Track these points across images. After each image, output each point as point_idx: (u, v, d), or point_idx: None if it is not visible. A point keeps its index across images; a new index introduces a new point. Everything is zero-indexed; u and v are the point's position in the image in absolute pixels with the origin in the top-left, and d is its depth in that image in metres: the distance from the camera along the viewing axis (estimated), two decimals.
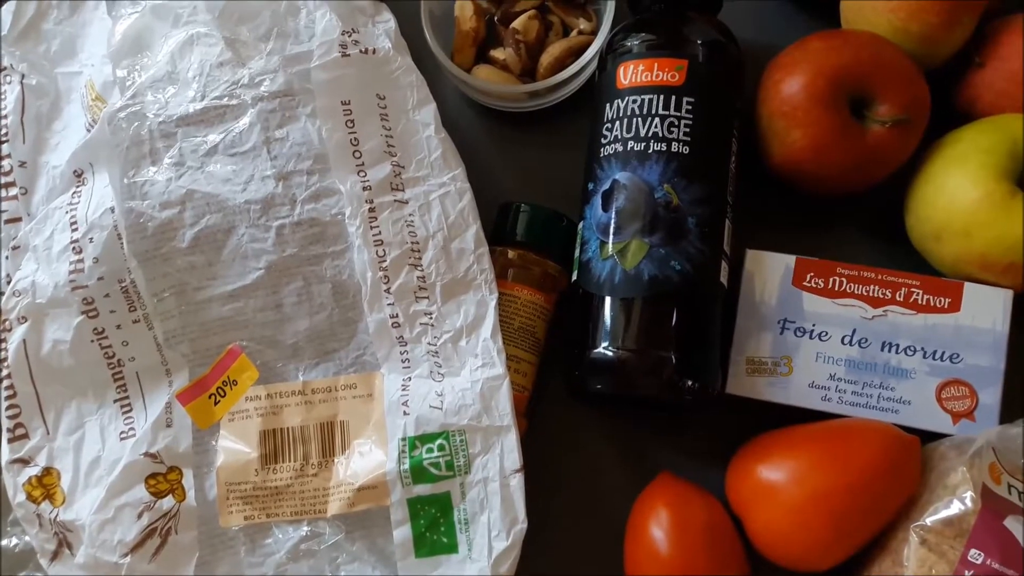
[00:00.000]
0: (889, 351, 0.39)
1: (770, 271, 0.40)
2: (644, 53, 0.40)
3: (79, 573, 0.37)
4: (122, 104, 0.40)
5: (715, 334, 0.39)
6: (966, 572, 0.34)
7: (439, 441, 0.38)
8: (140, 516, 0.37)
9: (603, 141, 0.40)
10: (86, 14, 0.44)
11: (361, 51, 0.40)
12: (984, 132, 0.40)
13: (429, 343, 0.40)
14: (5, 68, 0.43)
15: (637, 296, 0.37)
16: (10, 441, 0.38)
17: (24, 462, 0.38)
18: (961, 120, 0.41)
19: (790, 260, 0.40)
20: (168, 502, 0.38)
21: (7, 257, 0.40)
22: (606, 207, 0.39)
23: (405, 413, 0.38)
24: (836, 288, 0.39)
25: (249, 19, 0.41)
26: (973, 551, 0.34)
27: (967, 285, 0.39)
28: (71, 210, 0.39)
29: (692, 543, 0.37)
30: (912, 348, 0.39)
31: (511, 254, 0.41)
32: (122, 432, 0.39)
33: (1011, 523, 0.34)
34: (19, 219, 0.41)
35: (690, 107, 0.39)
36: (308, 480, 0.39)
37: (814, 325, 0.39)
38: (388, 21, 0.42)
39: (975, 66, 0.42)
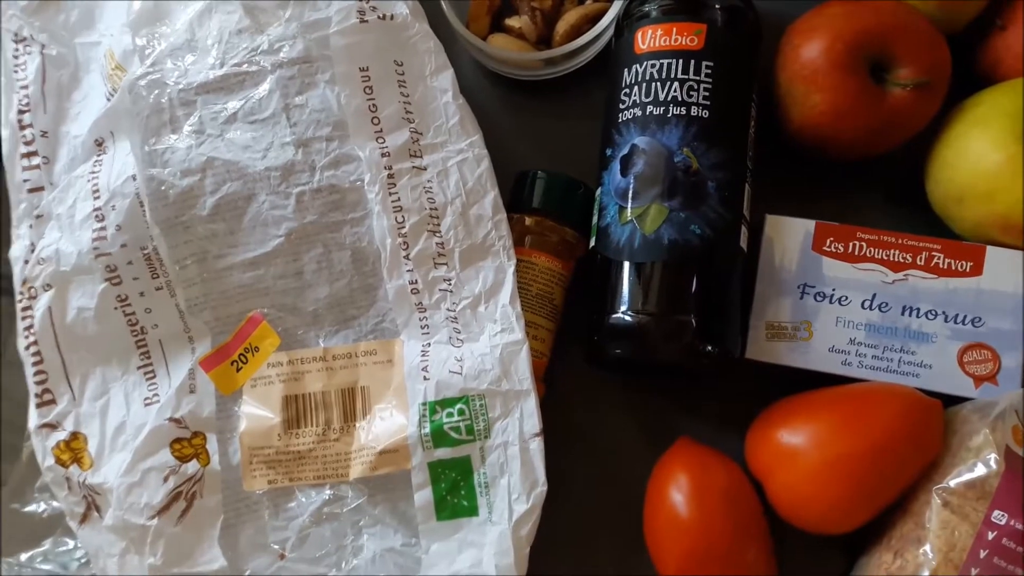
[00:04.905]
0: (910, 315, 0.39)
1: (790, 236, 0.40)
2: (662, 18, 0.40)
3: (108, 535, 0.37)
4: (142, 72, 0.40)
5: (735, 299, 0.39)
6: (989, 533, 0.34)
7: (459, 405, 0.38)
8: (166, 480, 0.38)
9: (621, 106, 0.40)
10: None
11: (379, 17, 0.40)
12: (1006, 95, 0.39)
13: (448, 309, 0.40)
14: (25, 39, 0.43)
15: (656, 261, 0.37)
16: (38, 406, 0.39)
17: (52, 427, 0.39)
18: (982, 84, 0.41)
19: (810, 225, 0.40)
20: (193, 466, 0.38)
21: (31, 226, 0.40)
22: (624, 172, 0.39)
23: (425, 378, 0.39)
24: (856, 253, 0.39)
25: None
26: (996, 512, 0.34)
27: (989, 249, 0.38)
28: (93, 178, 0.40)
29: (712, 507, 0.37)
30: (933, 312, 0.38)
31: (528, 221, 0.41)
32: (146, 398, 0.39)
33: None
34: (42, 188, 0.42)
35: (709, 71, 0.39)
36: (330, 445, 0.39)
37: (834, 290, 0.39)
38: None
39: (996, 29, 0.42)
